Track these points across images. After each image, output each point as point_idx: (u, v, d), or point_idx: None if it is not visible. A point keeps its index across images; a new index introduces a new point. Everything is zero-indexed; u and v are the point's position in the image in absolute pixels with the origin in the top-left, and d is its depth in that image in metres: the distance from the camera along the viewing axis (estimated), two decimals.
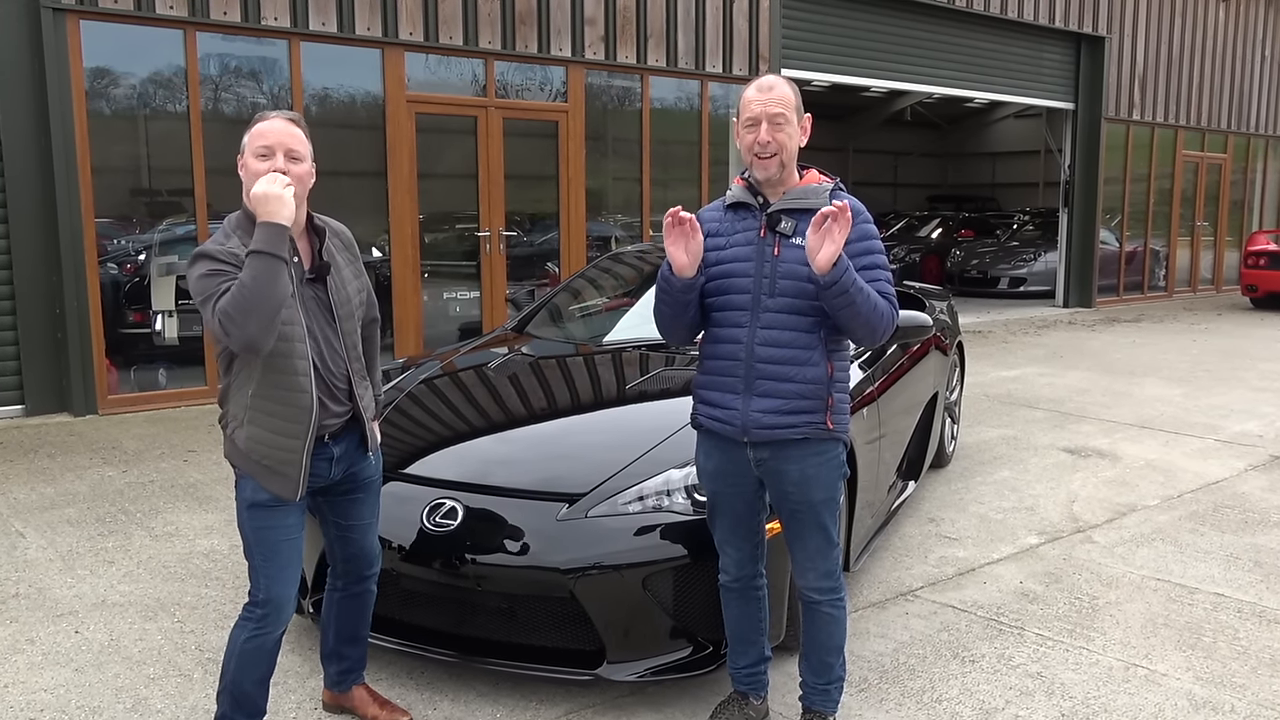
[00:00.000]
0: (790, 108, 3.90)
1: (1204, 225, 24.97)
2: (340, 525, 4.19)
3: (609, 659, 4.39)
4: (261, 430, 3.74)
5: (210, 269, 3.56)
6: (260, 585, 3.85)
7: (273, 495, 3.77)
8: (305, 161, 3.75)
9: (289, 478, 3.76)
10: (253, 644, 3.86)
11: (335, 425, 3.92)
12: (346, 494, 4.13)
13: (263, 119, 3.71)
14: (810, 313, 3.88)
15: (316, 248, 3.88)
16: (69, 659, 5.03)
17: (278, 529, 3.82)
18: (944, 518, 7.26)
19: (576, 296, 7.64)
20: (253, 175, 3.64)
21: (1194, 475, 8.42)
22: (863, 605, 5.70)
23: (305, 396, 3.73)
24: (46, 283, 10.24)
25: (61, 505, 7.38)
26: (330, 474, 3.97)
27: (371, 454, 4.17)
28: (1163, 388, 12.38)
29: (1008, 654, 5.13)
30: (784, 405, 3.90)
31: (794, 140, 3.93)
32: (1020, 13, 19.27)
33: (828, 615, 4.13)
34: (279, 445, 3.74)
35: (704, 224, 4.13)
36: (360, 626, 4.37)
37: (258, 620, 3.85)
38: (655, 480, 4.62)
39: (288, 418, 3.74)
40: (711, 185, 15.24)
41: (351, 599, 4.32)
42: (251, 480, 3.79)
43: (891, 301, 3.88)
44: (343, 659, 4.40)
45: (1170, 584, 6.08)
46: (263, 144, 3.66)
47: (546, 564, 4.41)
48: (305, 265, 3.83)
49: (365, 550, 4.26)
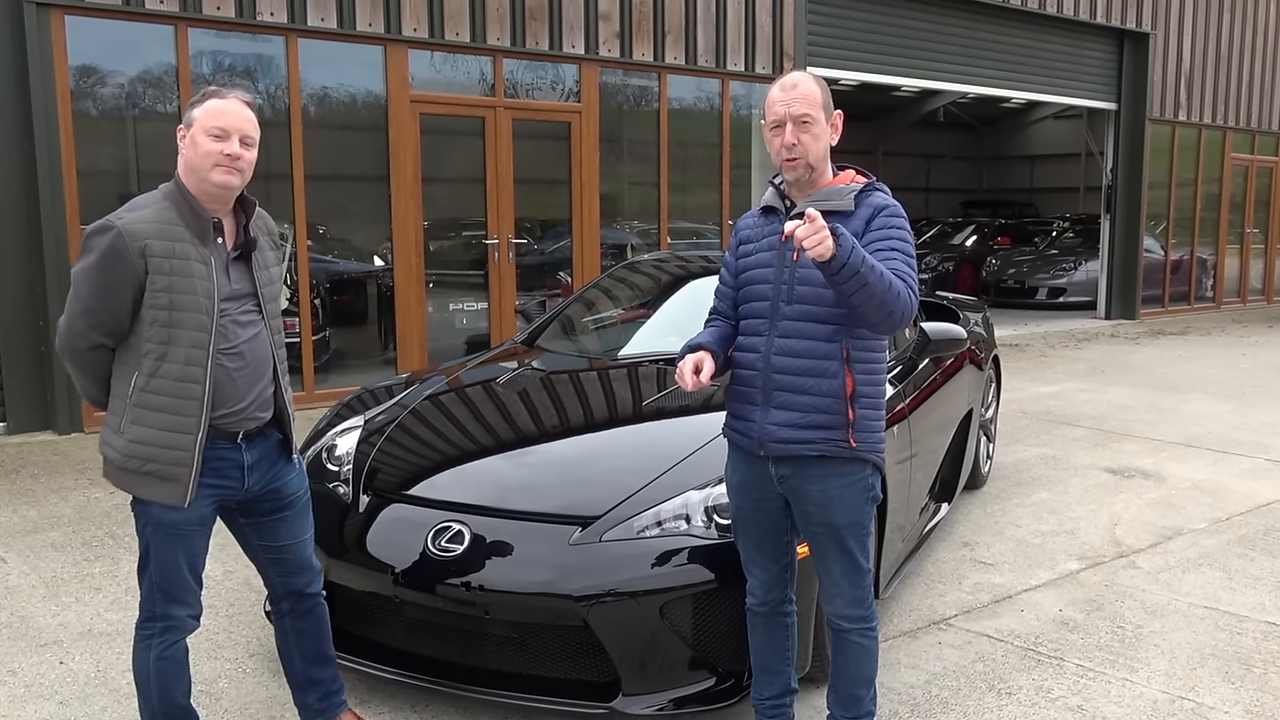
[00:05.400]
0: (817, 106, 3.90)
1: (1254, 232, 24.92)
2: (270, 547, 4.15)
3: (624, 691, 4.39)
4: (146, 429, 3.72)
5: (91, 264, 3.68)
6: (154, 604, 3.87)
7: (162, 506, 3.76)
8: (255, 148, 3.83)
9: (177, 482, 3.73)
10: (166, 658, 3.89)
11: (252, 425, 3.91)
12: (271, 514, 4.09)
13: (218, 95, 3.77)
14: (830, 321, 3.88)
15: (243, 223, 3.91)
16: (53, 691, 5.05)
17: (184, 550, 3.84)
18: (979, 542, 7.25)
19: (590, 308, 7.65)
20: (203, 155, 3.70)
21: (1243, 497, 8.40)
22: (893, 634, 5.70)
23: (197, 387, 3.71)
24: (29, 294, 10.28)
25: (45, 528, 7.41)
26: (245, 484, 3.93)
27: (297, 461, 4.15)
28: (1210, 404, 12.35)
29: (1046, 686, 5.12)
30: (800, 419, 3.90)
31: (821, 141, 3.94)
32: (1060, 8, 19.28)
33: (857, 645, 4.13)
34: (167, 444, 3.71)
35: (740, 231, 4.21)
36: (323, 644, 4.34)
37: (159, 634, 3.88)
38: (673, 502, 4.63)
39: (178, 411, 3.71)
40: (733, 190, 15.27)
41: (304, 617, 4.29)
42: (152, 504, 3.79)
43: (909, 283, 3.78)
44: (316, 684, 4.37)
45: (1218, 612, 6.06)
46: (219, 124, 3.71)
47: (558, 591, 4.41)
48: (229, 244, 3.86)
49: (303, 567, 4.22)
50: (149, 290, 3.66)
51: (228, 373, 3.78)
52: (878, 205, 3.91)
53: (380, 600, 4.64)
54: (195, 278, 3.69)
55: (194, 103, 3.78)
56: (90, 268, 3.65)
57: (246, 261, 3.89)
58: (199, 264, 3.71)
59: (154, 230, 3.66)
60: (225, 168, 3.71)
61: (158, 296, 3.66)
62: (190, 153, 3.73)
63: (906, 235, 3.93)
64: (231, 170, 3.72)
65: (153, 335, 3.69)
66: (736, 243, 4.20)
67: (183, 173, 3.78)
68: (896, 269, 3.79)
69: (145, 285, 3.65)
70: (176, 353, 3.69)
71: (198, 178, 3.73)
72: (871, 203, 3.95)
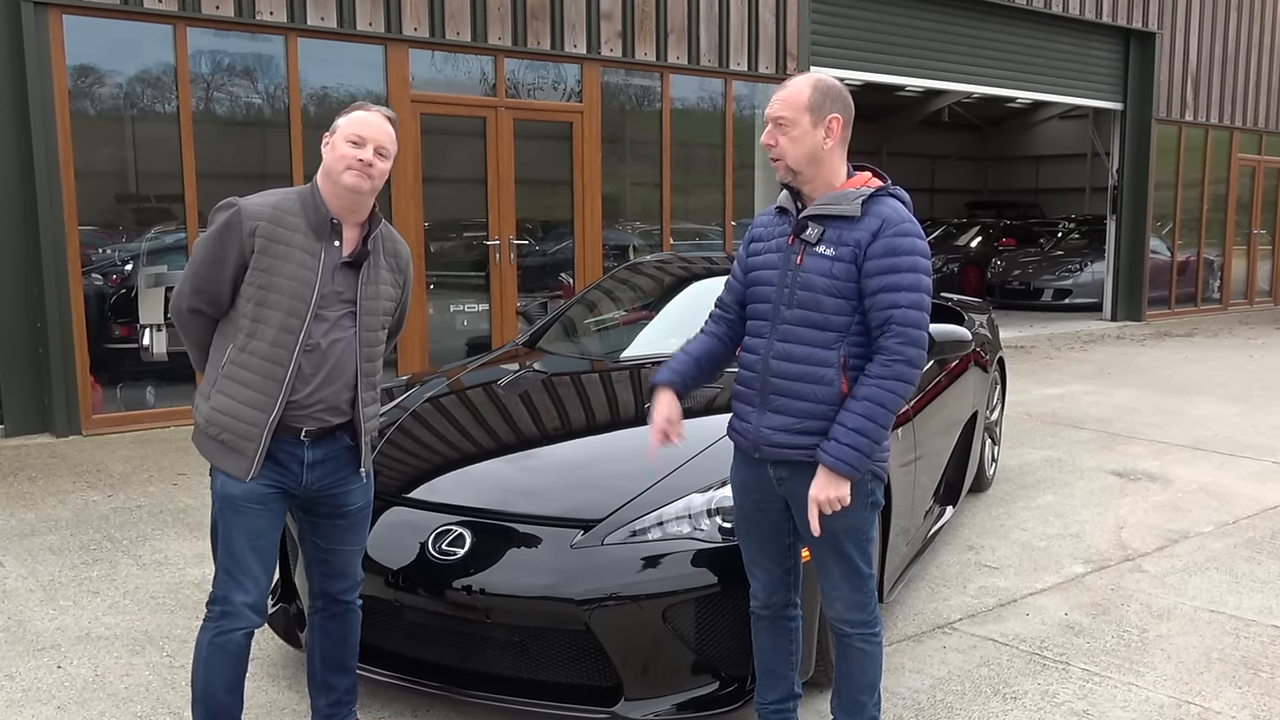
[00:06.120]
0: (797, 108, 3.87)
1: (1261, 234, 24.92)
2: (319, 547, 4.23)
3: (626, 696, 4.39)
4: (228, 400, 3.90)
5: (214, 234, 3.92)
6: (217, 583, 3.97)
7: (226, 476, 3.90)
8: (389, 160, 4.01)
9: (243, 455, 3.88)
10: (217, 645, 3.95)
11: (315, 425, 3.97)
12: (329, 518, 4.16)
13: (364, 109, 3.99)
14: (827, 327, 3.86)
15: (365, 235, 4.05)
16: (50, 696, 5.05)
17: (244, 528, 3.92)
18: (984, 545, 7.25)
19: (592, 309, 7.65)
20: (338, 158, 3.90)
21: (1250, 500, 8.40)
22: (898, 638, 5.70)
23: (281, 369, 3.87)
24: (27, 295, 10.29)
25: (43, 532, 7.42)
26: (303, 480, 4.00)
27: (364, 475, 4.20)
28: (1217, 407, 12.35)
29: (1052, 690, 5.12)
30: (795, 424, 3.90)
31: (802, 144, 3.88)
32: (1066, 7, 19.28)
33: (860, 650, 4.12)
34: (241, 417, 3.87)
35: (755, 227, 4.22)
36: (346, 653, 4.38)
37: (215, 618, 3.95)
38: (676, 505, 4.63)
39: (260, 389, 3.87)
40: (736, 190, 15.28)
41: (333, 620, 4.32)
42: (221, 472, 3.93)
43: (917, 328, 3.76)
44: (330, 690, 4.39)
45: (1225, 616, 6.06)
46: (358, 132, 3.92)
47: (560, 594, 4.41)
48: (345, 251, 3.99)
49: (344, 574, 4.29)
50: (251, 269, 3.88)
51: (303, 371, 3.91)
52: (886, 218, 3.81)
53: (380, 604, 4.63)
54: (296, 265, 3.89)
55: (342, 114, 4.00)
56: (206, 238, 3.92)
57: (356, 270, 4.02)
58: (305, 254, 3.90)
59: (269, 214, 3.90)
60: (357, 171, 3.89)
61: (256, 276, 3.87)
62: (329, 156, 3.95)
63: (916, 264, 3.81)
64: (362, 175, 3.90)
65: (246, 312, 3.90)
66: (749, 239, 4.20)
67: (320, 177, 3.99)
68: (895, 317, 3.74)
69: (249, 264, 3.87)
70: (266, 332, 3.88)
71: (331, 180, 3.94)
72: (880, 213, 3.83)
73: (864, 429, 3.73)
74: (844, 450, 3.72)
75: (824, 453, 3.75)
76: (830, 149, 3.91)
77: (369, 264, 4.03)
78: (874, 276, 3.78)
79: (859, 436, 3.73)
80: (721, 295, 4.30)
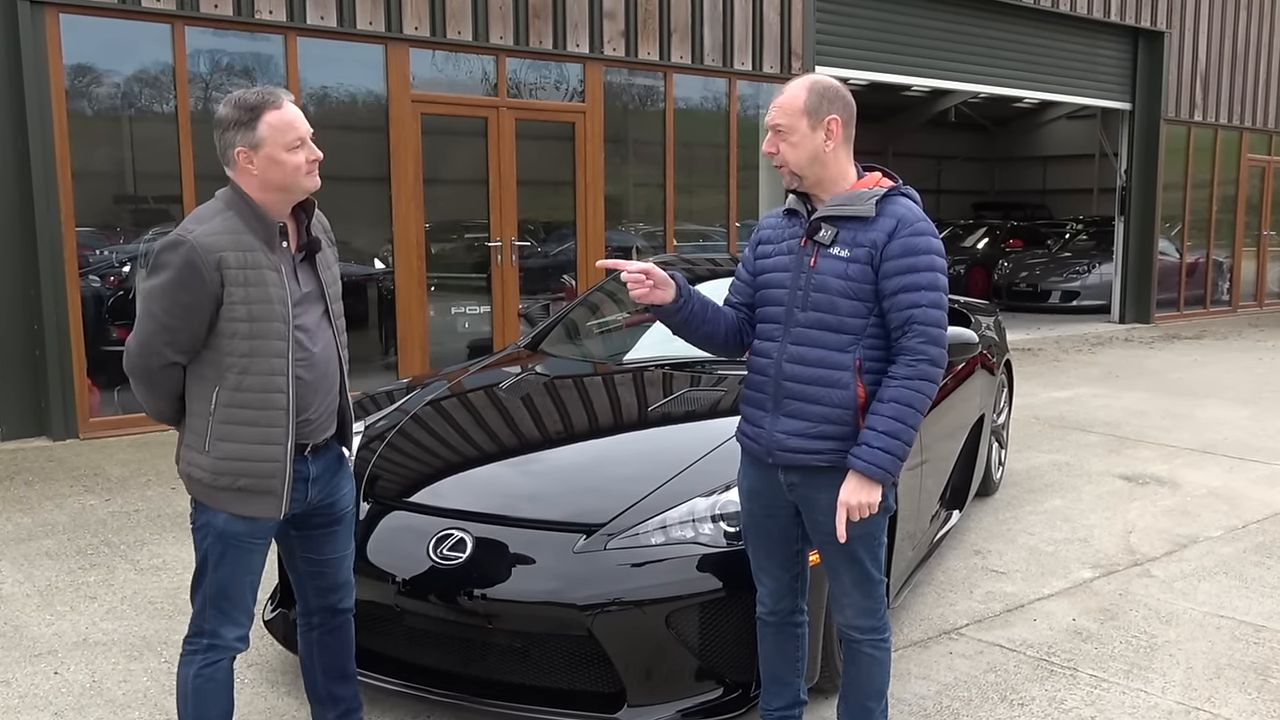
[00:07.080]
0: (792, 114, 3.86)
1: (1271, 235, 24.91)
2: (313, 560, 4.14)
3: (629, 702, 4.39)
4: (235, 445, 3.70)
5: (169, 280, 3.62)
6: (205, 619, 3.83)
7: (251, 521, 3.75)
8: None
9: (273, 494, 3.74)
10: (205, 676, 3.84)
11: (321, 437, 3.92)
12: (321, 528, 4.09)
13: (275, 105, 3.73)
14: (843, 330, 3.85)
15: (304, 224, 3.91)
16: (48, 702, 5.06)
17: (245, 566, 3.82)
18: (991, 550, 7.24)
19: (595, 311, 7.65)
20: (291, 170, 3.70)
21: (1260, 504, 8.39)
22: (904, 644, 5.70)
23: (281, 396, 3.72)
24: (23, 296, 10.30)
25: (39, 536, 7.42)
26: (307, 497, 3.92)
27: (349, 459, 4.17)
28: (1226, 410, 12.35)
29: (1059, 697, 5.12)
30: (809, 429, 3.89)
31: (802, 148, 3.88)
32: (1074, 6, 19.29)
33: (869, 656, 4.12)
34: (258, 456, 3.70)
35: (762, 229, 4.19)
36: (346, 661, 4.35)
37: (201, 651, 3.85)
38: (679, 510, 4.62)
39: (267, 423, 3.71)
40: (740, 191, 15.28)
41: (331, 632, 4.28)
42: (224, 512, 3.75)
43: (938, 326, 3.82)
44: (337, 701, 4.37)
45: (1235, 621, 6.06)
46: (296, 135, 3.72)
47: (562, 600, 4.41)
48: (294, 246, 3.86)
49: (340, 583, 4.23)
50: (226, 303, 3.63)
51: (304, 383, 3.80)
52: (901, 218, 3.82)
53: (381, 609, 4.63)
54: (270, 286, 3.68)
55: (242, 121, 3.71)
56: (166, 285, 3.60)
57: (311, 263, 3.91)
58: (271, 271, 3.69)
59: (227, 242, 3.63)
60: (314, 172, 3.76)
61: (235, 309, 3.64)
62: (274, 174, 3.70)
63: (934, 263, 3.86)
64: (314, 172, 3.77)
65: (234, 349, 3.66)
66: (756, 241, 4.18)
67: (258, 191, 3.73)
68: (917, 317, 3.77)
69: (222, 299, 3.62)
70: (260, 364, 3.68)
71: (284, 190, 3.74)
72: (895, 213, 3.84)
73: (895, 431, 3.73)
74: (876, 454, 3.72)
75: (856, 458, 3.75)
76: (832, 150, 3.90)
77: (320, 253, 3.93)
78: (892, 277, 3.79)
79: (890, 439, 3.73)
80: (728, 297, 4.27)
